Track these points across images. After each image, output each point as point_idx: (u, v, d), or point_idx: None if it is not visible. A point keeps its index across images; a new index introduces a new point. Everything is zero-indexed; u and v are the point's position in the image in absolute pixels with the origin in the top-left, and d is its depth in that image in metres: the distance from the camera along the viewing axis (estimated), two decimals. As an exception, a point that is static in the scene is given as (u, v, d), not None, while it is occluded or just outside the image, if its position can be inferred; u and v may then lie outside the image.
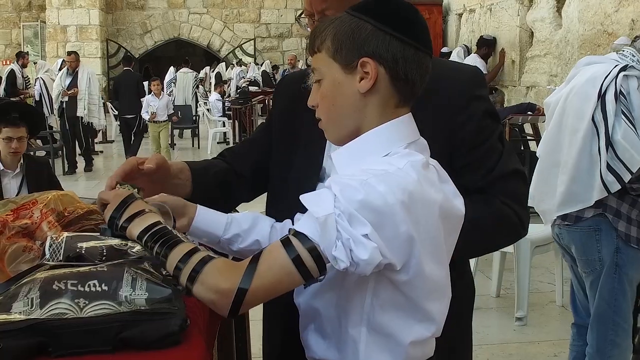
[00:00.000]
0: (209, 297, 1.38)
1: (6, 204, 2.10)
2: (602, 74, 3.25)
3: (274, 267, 1.37)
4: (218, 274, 1.38)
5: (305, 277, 1.37)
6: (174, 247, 1.43)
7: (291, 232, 1.40)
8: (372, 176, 1.38)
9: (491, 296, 5.71)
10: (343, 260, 1.35)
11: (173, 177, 1.87)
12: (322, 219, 1.35)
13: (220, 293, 1.36)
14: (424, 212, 1.42)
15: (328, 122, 1.57)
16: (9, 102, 6.96)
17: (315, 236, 1.36)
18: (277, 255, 1.37)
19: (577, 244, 3.41)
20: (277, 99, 2.19)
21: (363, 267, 1.35)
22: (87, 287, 1.45)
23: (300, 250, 1.36)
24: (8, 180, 4.95)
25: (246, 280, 1.35)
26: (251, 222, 1.69)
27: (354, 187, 1.36)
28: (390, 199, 1.36)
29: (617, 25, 8.24)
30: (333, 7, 1.82)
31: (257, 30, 25.51)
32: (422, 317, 1.50)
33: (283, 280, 1.38)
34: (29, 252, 1.91)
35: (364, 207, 1.35)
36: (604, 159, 3.19)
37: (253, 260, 1.38)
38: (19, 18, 24.44)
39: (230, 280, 1.36)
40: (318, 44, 1.55)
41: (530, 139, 9.28)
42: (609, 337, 3.36)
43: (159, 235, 1.46)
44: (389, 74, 1.50)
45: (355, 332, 1.50)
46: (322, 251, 1.36)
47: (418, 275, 1.44)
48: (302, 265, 1.36)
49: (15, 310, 1.42)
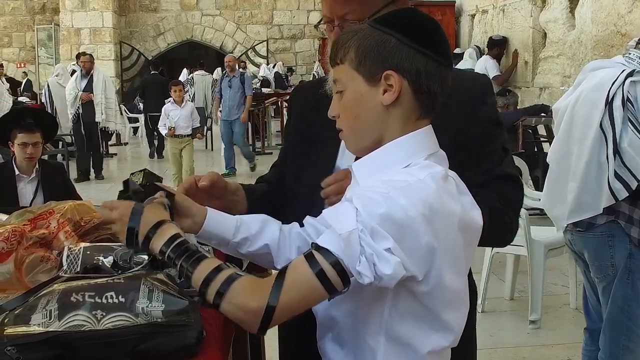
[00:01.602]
0: (238, 315, 1.40)
1: (23, 213, 2.13)
2: (609, 80, 3.23)
3: (300, 283, 1.38)
4: (246, 292, 1.39)
5: (330, 291, 1.39)
6: (198, 263, 1.44)
7: (313, 246, 1.41)
8: (393, 189, 1.39)
9: (505, 299, 5.70)
10: (367, 275, 1.36)
11: (231, 194, 1.91)
12: (346, 235, 1.36)
13: (249, 312, 1.38)
14: (443, 224, 1.43)
15: (350, 133, 1.58)
16: (24, 107, 7.00)
17: (339, 251, 1.37)
18: (301, 271, 1.39)
19: (589, 250, 3.40)
20: (292, 110, 2.22)
21: (387, 281, 1.37)
22: (105, 299, 1.47)
23: (323, 264, 1.37)
24: (24, 185, 4.98)
25: (274, 297, 1.37)
26: (260, 225, 1.67)
27: (376, 201, 1.38)
28: (411, 212, 1.37)
29: (631, 26, 8.20)
30: (355, 12, 1.84)
31: (269, 31, 25.52)
32: (440, 326, 1.51)
33: (309, 295, 1.40)
34: (46, 262, 1.94)
35: (386, 221, 1.36)
36: (612, 166, 3.18)
37: (279, 277, 1.39)
38: (33, 21, 24.55)
39: (258, 298, 1.38)
40: (341, 56, 1.56)
41: (543, 140, 9.25)
42: (621, 343, 3.35)
43: (183, 249, 1.47)
44: (412, 87, 1.52)
45: (374, 342, 1.51)
46: (346, 266, 1.37)
47: (438, 286, 1.46)
48: (327, 280, 1.37)
49: (34, 322, 1.44)
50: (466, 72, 2.04)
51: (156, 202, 1.59)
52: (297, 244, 1.65)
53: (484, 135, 1.88)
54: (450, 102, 1.77)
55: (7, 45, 24.46)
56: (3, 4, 24.32)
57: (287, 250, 1.65)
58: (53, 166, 5.40)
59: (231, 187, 1.93)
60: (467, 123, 1.86)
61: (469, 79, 1.95)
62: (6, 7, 24.39)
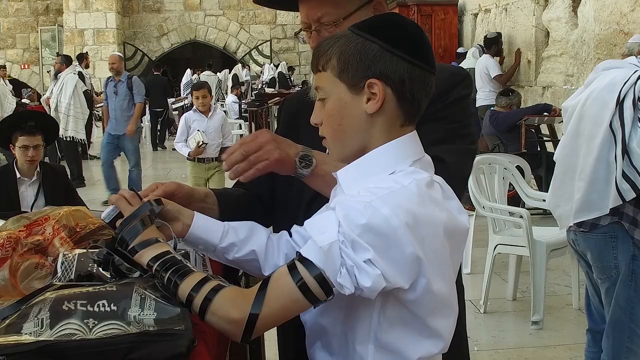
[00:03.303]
0: (221, 326, 1.43)
1: (19, 219, 2.12)
2: (620, 79, 3.23)
3: (282, 295, 1.39)
4: (229, 303, 1.41)
5: (312, 302, 1.40)
6: (185, 277, 1.46)
7: (297, 256, 1.41)
8: (375, 198, 1.39)
9: (507, 299, 5.69)
10: (348, 287, 1.37)
11: (199, 201, 1.88)
12: (326, 247, 1.37)
13: (232, 323, 1.40)
14: (428, 232, 1.42)
15: (333, 140, 1.57)
16: (25, 110, 7.01)
17: (320, 263, 1.37)
18: (283, 282, 1.39)
19: (592, 251, 3.39)
20: (281, 115, 2.22)
21: (368, 293, 1.38)
22: (97, 307, 1.46)
23: (305, 276, 1.38)
24: (25, 188, 4.99)
25: (256, 308, 1.38)
26: (248, 231, 1.67)
27: (358, 210, 1.37)
28: (394, 222, 1.37)
29: (634, 24, 8.19)
30: (329, 14, 1.83)
31: (273, 31, 25.51)
32: (429, 333, 1.51)
33: (291, 306, 1.41)
34: (41, 268, 1.93)
35: (368, 232, 1.36)
36: (620, 166, 3.17)
37: (262, 288, 1.40)
38: (36, 22, 24.58)
39: (241, 309, 1.39)
40: (323, 63, 1.55)
41: (546, 140, 9.23)
42: (624, 344, 3.35)
43: (170, 264, 1.48)
44: (395, 94, 1.51)
45: (363, 349, 1.51)
46: (327, 277, 1.37)
47: (426, 294, 1.45)
48: (308, 291, 1.38)
49: (25, 330, 1.43)
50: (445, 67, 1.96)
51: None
52: (285, 251, 1.65)
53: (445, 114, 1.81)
54: None
55: (11, 46, 24.49)
56: (7, 5, 24.36)
57: (274, 257, 1.65)
58: (54, 169, 5.40)
59: (198, 193, 1.90)
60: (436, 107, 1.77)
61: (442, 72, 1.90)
62: (10, 9, 24.42)
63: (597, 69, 3.50)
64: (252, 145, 1.69)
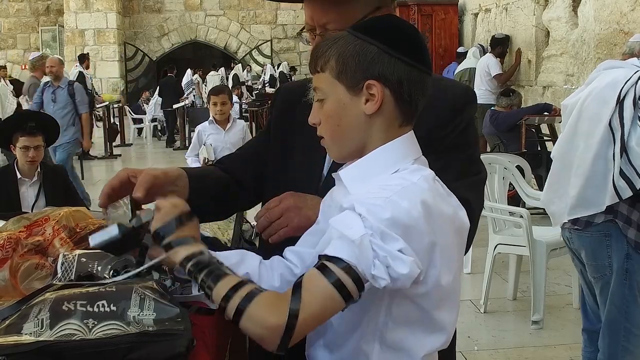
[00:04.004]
0: (258, 332, 1.39)
1: (19, 220, 2.13)
2: (622, 79, 3.23)
3: (318, 295, 1.37)
4: (265, 308, 1.38)
5: (347, 299, 1.38)
6: (220, 279, 1.44)
7: (323, 257, 1.40)
8: (393, 193, 1.41)
9: (508, 299, 5.69)
10: (383, 278, 1.37)
11: (169, 185, 1.85)
12: (358, 241, 1.36)
13: (269, 328, 1.36)
14: (440, 225, 1.46)
15: (332, 141, 1.59)
16: (26, 111, 7.01)
17: (352, 258, 1.37)
18: (317, 283, 1.38)
19: (587, 249, 3.40)
20: (274, 109, 2.20)
21: (403, 281, 1.38)
22: (96, 308, 1.47)
23: (339, 273, 1.37)
24: (26, 188, 5.00)
25: (293, 313, 1.36)
26: (239, 258, 1.65)
27: (380, 206, 1.39)
28: (414, 213, 1.39)
29: (634, 24, 8.20)
30: (335, 21, 1.83)
31: (273, 31, 25.53)
32: (435, 328, 1.53)
33: (328, 305, 1.39)
34: (41, 269, 1.94)
35: (393, 224, 1.37)
36: (618, 164, 3.17)
37: (295, 291, 1.38)
38: (37, 22, 24.62)
39: (278, 314, 1.36)
40: (321, 64, 1.56)
41: (547, 139, 9.24)
42: (620, 344, 3.35)
43: (204, 264, 1.47)
44: (394, 96, 1.52)
45: (368, 348, 1.52)
46: (361, 272, 1.37)
47: (435, 286, 1.47)
48: (344, 288, 1.37)
49: (25, 331, 1.44)
50: (446, 83, 1.98)
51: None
52: (280, 271, 1.64)
53: (445, 147, 1.82)
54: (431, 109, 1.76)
55: (12, 46, 24.53)
56: (7, 6, 24.40)
57: (269, 278, 1.62)
58: (55, 169, 5.42)
59: (170, 176, 1.87)
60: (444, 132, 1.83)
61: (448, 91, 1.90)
62: (10, 9, 24.46)
63: (598, 68, 3.50)
64: (275, 212, 1.77)
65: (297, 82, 2.29)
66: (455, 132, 1.85)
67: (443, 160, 1.72)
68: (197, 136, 6.76)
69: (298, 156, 1.98)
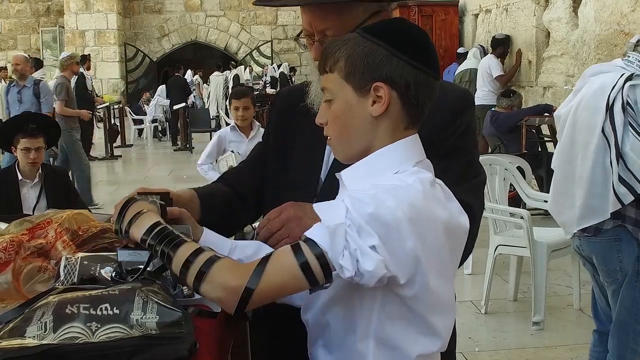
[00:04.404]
0: (217, 294, 1.43)
1: (22, 223, 2.14)
2: (609, 84, 3.24)
3: (282, 270, 1.41)
4: (226, 272, 1.42)
5: (311, 283, 1.41)
6: (178, 247, 1.48)
7: (302, 238, 1.43)
8: (382, 191, 1.42)
9: (508, 300, 5.69)
10: (348, 269, 1.39)
11: (183, 205, 1.88)
12: (333, 228, 1.39)
13: (228, 290, 1.41)
14: (429, 229, 1.45)
15: (338, 141, 1.60)
16: (27, 113, 7.00)
17: (324, 243, 1.39)
18: (285, 259, 1.41)
19: (598, 255, 3.40)
20: (275, 111, 2.20)
21: (367, 278, 1.39)
22: (99, 311, 1.48)
23: (308, 255, 1.39)
24: (27, 190, 5.01)
25: (254, 280, 1.39)
26: (254, 249, 1.72)
27: (364, 201, 1.40)
28: (398, 214, 1.40)
29: (634, 25, 8.20)
30: (334, 27, 1.83)
31: (274, 32, 25.55)
32: (428, 331, 1.54)
33: (289, 283, 1.42)
34: (44, 272, 1.94)
35: (374, 220, 1.39)
36: (616, 171, 3.18)
37: (262, 262, 1.42)
38: (37, 23, 24.64)
39: (239, 278, 1.40)
40: (330, 64, 1.57)
41: (547, 140, 9.25)
42: (629, 345, 3.36)
43: (163, 235, 1.51)
44: (401, 98, 1.54)
45: (363, 346, 1.53)
46: (330, 259, 1.39)
47: (423, 290, 1.48)
48: (309, 271, 1.39)
49: (29, 334, 1.44)
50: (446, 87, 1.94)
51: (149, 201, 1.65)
52: None
53: (445, 150, 1.83)
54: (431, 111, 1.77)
55: (12, 47, 24.53)
56: (8, 7, 24.42)
57: None
58: (56, 171, 5.42)
59: (183, 198, 1.92)
60: (445, 134, 1.84)
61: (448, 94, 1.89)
62: (11, 10, 24.48)
63: (584, 75, 3.50)
64: (276, 223, 1.77)
65: (297, 85, 2.31)
66: (455, 135, 1.86)
67: (444, 163, 1.74)
68: (217, 142, 6.26)
69: (298, 157, 1.99)
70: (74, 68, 9.91)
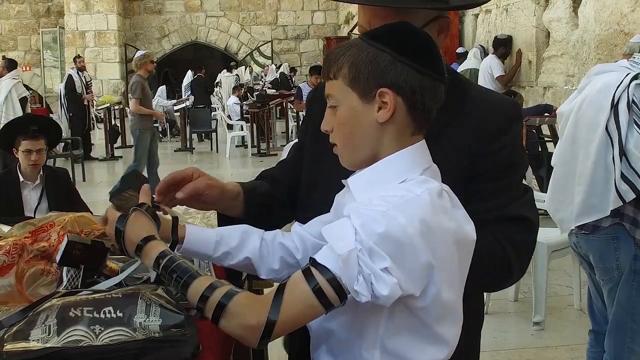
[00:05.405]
0: (238, 332, 1.42)
1: (24, 225, 2.15)
2: (614, 83, 3.25)
3: (298, 301, 1.40)
4: (244, 310, 1.41)
5: (327, 307, 1.41)
6: (192, 281, 1.46)
7: (311, 261, 1.42)
8: (392, 207, 1.40)
9: (509, 300, 5.69)
10: (364, 295, 1.38)
11: (230, 199, 1.92)
12: (345, 255, 1.37)
13: (249, 329, 1.40)
14: (440, 241, 1.44)
15: (344, 148, 1.59)
16: (28, 115, 7.01)
17: (337, 270, 1.38)
18: (300, 288, 1.40)
19: (594, 253, 3.41)
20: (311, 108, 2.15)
21: (383, 301, 1.39)
22: (103, 314, 1.49)
23: (321, 282, 1.39)
24: (28, 191, 5.00)
25: (273, 314, 1.39)
26: (240, 238, 1.70)
27: (375, 219, 1.38)
28: (410, 230, 1.38)
29: (634, 25, 8.19)
30: None
31: (274, 32, 25.54)
32: (436, 340, 1.52)
33: (307, 312, 1.41)
34: (46, 275, 1.95)
35: (385, 240, 1.37)
36: (618, 168, 3.19)
37: (278, 294, 1.41)
38: (38, 24, 24.63)
39: (257, 315, 1.39)
40: (334, 71, 1.56)
41: (547, 140, 9.24)
42: (626, 344, 3.36)
43: (172, 268, 1.48)
44: (406, 104, 1.51)
45: (369, 355, 1.51)
46: (344, 284, 1.38)
47: (435, 302, 1.46)
48: (324, 297, 1.39)
49: (33, 337, 1.45)
50: (494, 95, 1.95)
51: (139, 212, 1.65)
52: (280, 254, 1.69)
53: (498, 168, 1.79)
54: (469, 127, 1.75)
55: (13, 48, 24.53)
56: (8, 8, 24.41)
57: (269, 261, 1.69)
58: (57, 172, 5.40)
59: (230, 193, 1.92)
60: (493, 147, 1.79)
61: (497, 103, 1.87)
62: (11, 11, 24.48)
63: (589, 73, 3.51)
64: None
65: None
66: (508, 149, 1.81)
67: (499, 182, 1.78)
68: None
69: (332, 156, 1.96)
70: (148, 67, 10.06)
